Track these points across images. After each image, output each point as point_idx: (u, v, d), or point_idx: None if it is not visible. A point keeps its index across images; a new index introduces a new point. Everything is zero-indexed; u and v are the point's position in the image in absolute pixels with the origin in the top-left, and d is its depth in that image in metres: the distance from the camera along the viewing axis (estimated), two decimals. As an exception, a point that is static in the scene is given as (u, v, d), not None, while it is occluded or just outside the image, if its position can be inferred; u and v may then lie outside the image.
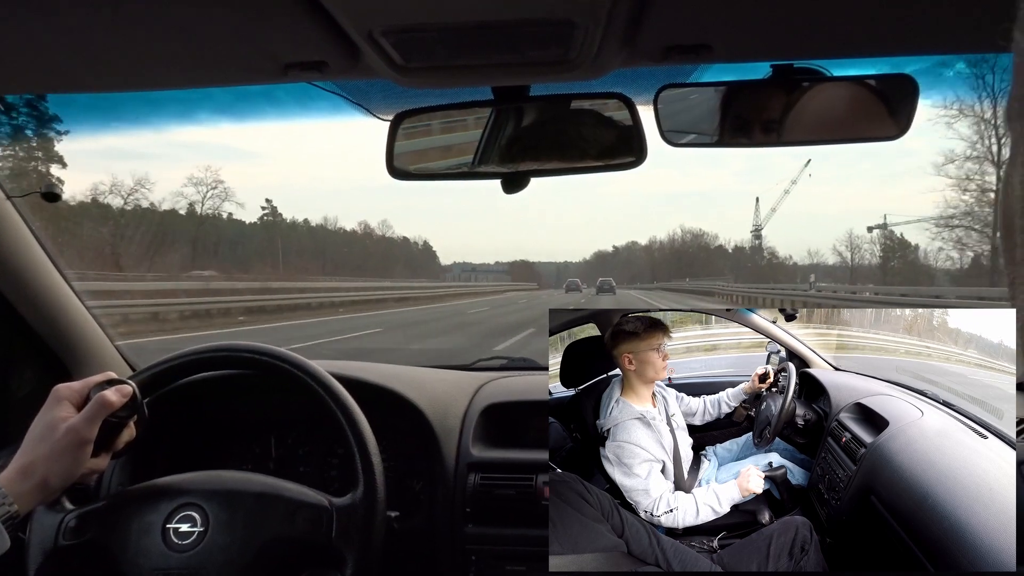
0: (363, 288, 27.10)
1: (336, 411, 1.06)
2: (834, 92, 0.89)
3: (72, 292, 1.44)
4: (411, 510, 1.31)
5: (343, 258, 57.06)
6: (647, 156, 0.92)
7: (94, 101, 1.26)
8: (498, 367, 1.73)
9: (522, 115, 0.95)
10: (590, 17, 0.64)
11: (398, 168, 0.98)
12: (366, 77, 0.81)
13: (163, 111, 1.41)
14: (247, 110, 1.40)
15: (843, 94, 0.89)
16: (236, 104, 1.35)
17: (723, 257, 77.96)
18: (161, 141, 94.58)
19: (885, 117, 0.89)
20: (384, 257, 63.23)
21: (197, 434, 1.42)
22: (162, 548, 0.96)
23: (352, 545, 0.98)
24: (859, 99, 0.89)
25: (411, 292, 31.29)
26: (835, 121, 0.91)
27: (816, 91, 0.88)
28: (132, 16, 0.66)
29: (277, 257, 45.16)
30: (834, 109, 0.90)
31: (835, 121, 0.91)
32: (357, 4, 0.62)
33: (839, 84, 0.88)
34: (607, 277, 53.29)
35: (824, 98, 0.89)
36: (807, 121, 0.89)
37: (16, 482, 0.87)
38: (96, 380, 0.97)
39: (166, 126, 1.62)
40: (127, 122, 1.48)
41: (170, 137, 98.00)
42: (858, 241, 50.78)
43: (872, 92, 0.89)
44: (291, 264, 43.95)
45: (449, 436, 1.34)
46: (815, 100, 0.88)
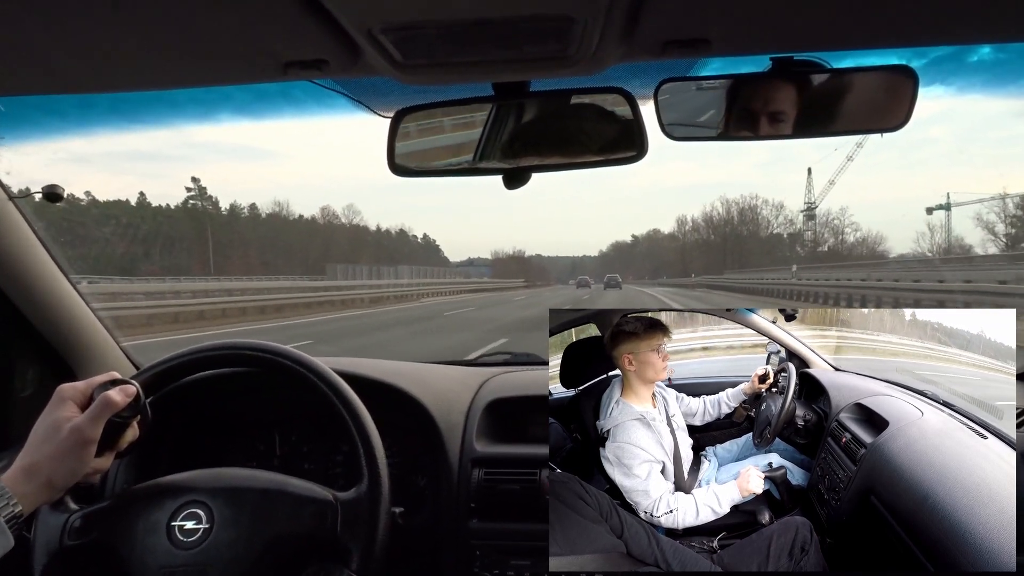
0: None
1: (340, 407, 1.06)
2: (834, 84, 0.89)
3: (75, 292, 1.44)
4: (416, 506, 1.32)
5: (313, 253, 52.40)
6: (648, 150, 0.92)
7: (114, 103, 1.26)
8: (501, 362, 1.73)
9: (523, 111, 0.95)
10: (589, 13, 0.65)
11: (399, 165, 0.98)
12: (366, 75, 0.81)
13: (147, 109, 1.40)
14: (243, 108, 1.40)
15: (843, 86, 0.89)
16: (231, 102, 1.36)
17: (775, 244, 65.35)
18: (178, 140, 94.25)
19: (886, 108, 0.89)
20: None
21: (201, 432, 1.42)
22: (168, 546, 0.97)
23: (357, 539, 0.99)
24: (859, 91, 0.89)
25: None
26: (835, 113, 0.91)
27: (816, 83, 0.88)
28: (131, 16, 0.66)
29: (207, 253, 41.96)
30: (834, 101, 0.90)
31: (835, 113, 0.91)
32: (357, 2, 0.62)
33: (839, 76, 0.88)
34: (613, 273, 55.91)
35: (824, 90, 0.89)
36: (807, 113, 0.89)
37: (20, 482, 0.88)
38: (100, 380, 0.97)
39: (155, 125, 1.61)
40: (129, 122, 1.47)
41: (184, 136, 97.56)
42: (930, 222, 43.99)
43: (872, 83, 0.89)
44: (230, 259, 40.83)
45: (453, 432, 1.34)
46: (815, 92, 0.89)
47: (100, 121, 1.44)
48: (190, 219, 47.77)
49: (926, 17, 0.71)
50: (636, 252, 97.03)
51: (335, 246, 57.74)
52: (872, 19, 0.71)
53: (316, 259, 48.58)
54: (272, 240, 53.97)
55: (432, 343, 11.17)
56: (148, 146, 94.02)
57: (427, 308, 21.72)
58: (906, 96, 0.88)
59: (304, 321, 15.74)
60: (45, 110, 1.31)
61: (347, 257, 50.83)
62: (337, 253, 53.32)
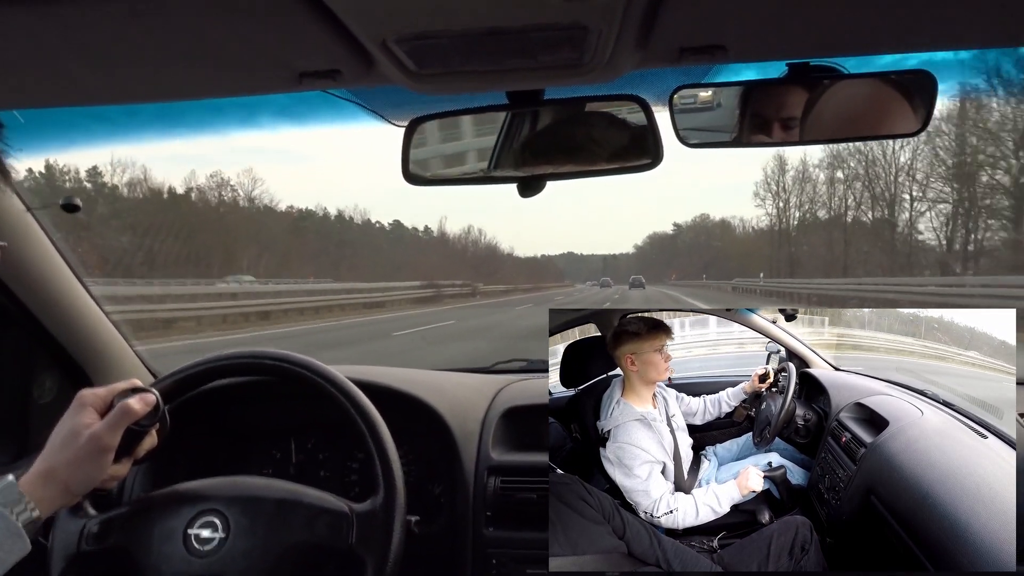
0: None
1: (356, 416, 1.06)
2: (852, 89, 0.88)
3: (92, 300, 1.45)
4: (432, 514, 1.31)
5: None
6: (663, 158, 0.92)
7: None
8: (517, 369, 1.72)
9: (537, 119, 0.95)
10: (603, 20, 0.64)
11: (414, 174, 0.99)
12: (380, 84, 0.81)
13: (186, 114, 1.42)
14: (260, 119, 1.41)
15: (861, 91, 0.89)
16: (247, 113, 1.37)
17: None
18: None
19: (904, 113, 0.88)
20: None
21: (218, 440, 1.43)
22: (183, 554, 0.97)
23: (372, 551, 0.98)
24: (877, 95, 0.89)
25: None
26: (853, 118, 0.90)
27: (833, 89, 0.87)
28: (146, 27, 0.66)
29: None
30: (852, 106, 0.89)
31: (853, 118, 0.90)
32: (370, 13, 0.62)
33: (856, 81, 0.87)
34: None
35: (842, 95, 0.88)
36: (825, 119, 0.88)
37: (38, 486, 0.88)
38: (120, 387, 0.97)
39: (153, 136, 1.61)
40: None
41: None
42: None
43: (890, 88, 0.88)
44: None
45: (469, 440, 1.34)
46: (833, 98, 0.88)
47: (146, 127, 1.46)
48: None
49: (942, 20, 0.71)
50: (678, 246, 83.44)
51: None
52: (889, 23, 0.71)
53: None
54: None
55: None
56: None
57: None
58: (925, 100, 0.87)
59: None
60: (95, 116, 1.34)
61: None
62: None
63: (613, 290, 48.82)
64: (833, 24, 0.71)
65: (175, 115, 1.30)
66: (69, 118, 1.30)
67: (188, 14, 0.63)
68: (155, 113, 1.29)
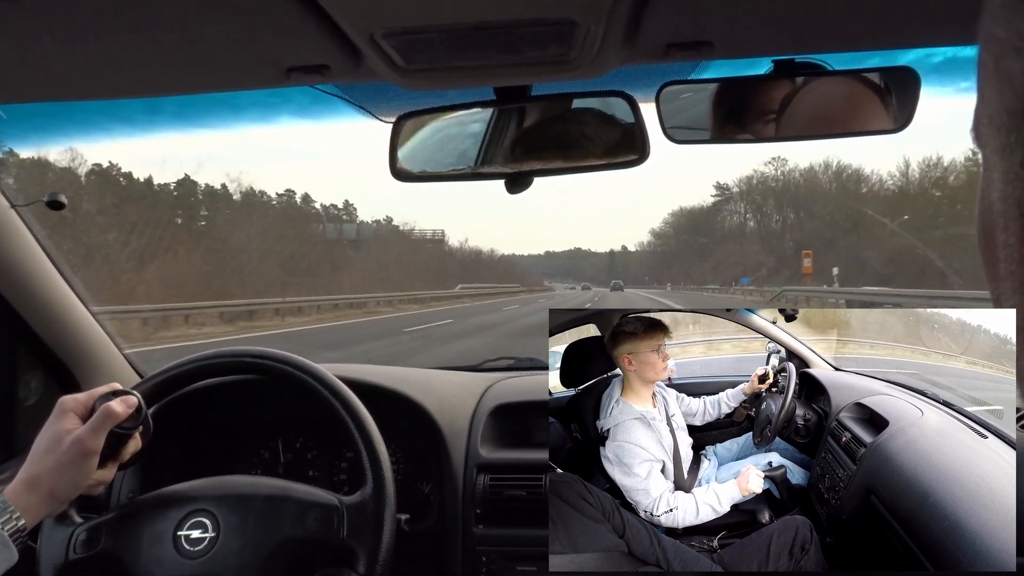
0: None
1: (339, 408, 1.06)
2: (836, 86, 0.89)
3: (79, 301, 1.43)
4: (421, 512, 1.31)
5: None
6: (650, 154, 0.92)
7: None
8: (505, 367, 1.73)
9: (524, 115, 0.95)
10: (590, 16, 0.65)
11: (401, 170, 0.98)
12: (368, 79, 0.81)
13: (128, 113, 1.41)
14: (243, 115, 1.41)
15: (845, 88, 0.90)
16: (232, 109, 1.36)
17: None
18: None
19: (887, 109, 0.89)
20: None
21: (205, 440, 1.42)
22: (174, 556, 0.96)
23: (363, 542, 0.99)
24: (861, 92, 0.89)
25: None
26: (838, 115, 0.91)
27: (818, 85, 0.88)
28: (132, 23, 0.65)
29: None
30: (836, 103, 0.90)
31: (838, 115, 0.91)
32: (358, 7, 0.62)
33: (840, 78, 0.88)
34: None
35: (826, 92, 0.89)
36: (810, 115, 0.89)
37: (22, 495, 0.87)
38: (101, 391, 0.97)
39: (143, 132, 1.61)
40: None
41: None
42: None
43: (874, 85, 0.89)
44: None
45: (458, 438, 1.34)
46: (817, 94, 0.88)
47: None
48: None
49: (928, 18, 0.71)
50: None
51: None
52: (874, 21, 0.71)
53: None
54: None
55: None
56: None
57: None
58: (908, 97, 0.88)
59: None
60: (109, 114, 1.34)
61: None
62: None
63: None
64: (819, 20, 0.71)
65: (156, 110, 1.29)
66: (78, 114, 1.28)
67: (174, 8, 0.63)
68: (138, 107, 1.28)
